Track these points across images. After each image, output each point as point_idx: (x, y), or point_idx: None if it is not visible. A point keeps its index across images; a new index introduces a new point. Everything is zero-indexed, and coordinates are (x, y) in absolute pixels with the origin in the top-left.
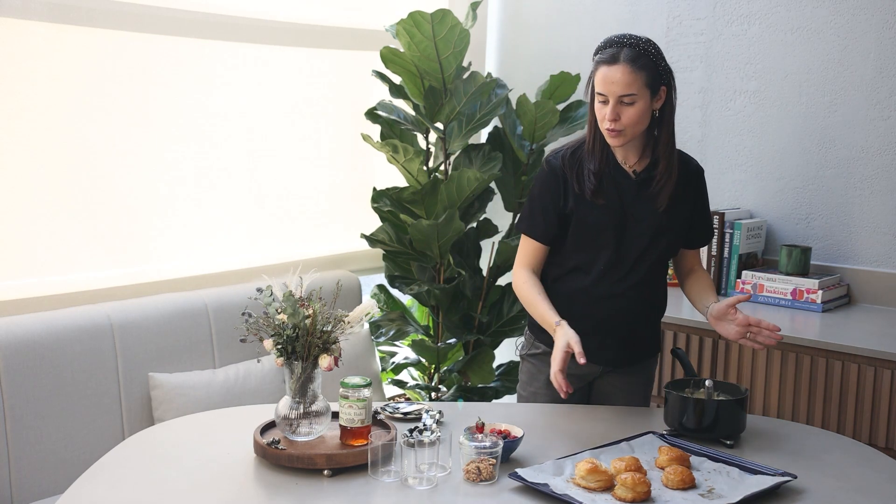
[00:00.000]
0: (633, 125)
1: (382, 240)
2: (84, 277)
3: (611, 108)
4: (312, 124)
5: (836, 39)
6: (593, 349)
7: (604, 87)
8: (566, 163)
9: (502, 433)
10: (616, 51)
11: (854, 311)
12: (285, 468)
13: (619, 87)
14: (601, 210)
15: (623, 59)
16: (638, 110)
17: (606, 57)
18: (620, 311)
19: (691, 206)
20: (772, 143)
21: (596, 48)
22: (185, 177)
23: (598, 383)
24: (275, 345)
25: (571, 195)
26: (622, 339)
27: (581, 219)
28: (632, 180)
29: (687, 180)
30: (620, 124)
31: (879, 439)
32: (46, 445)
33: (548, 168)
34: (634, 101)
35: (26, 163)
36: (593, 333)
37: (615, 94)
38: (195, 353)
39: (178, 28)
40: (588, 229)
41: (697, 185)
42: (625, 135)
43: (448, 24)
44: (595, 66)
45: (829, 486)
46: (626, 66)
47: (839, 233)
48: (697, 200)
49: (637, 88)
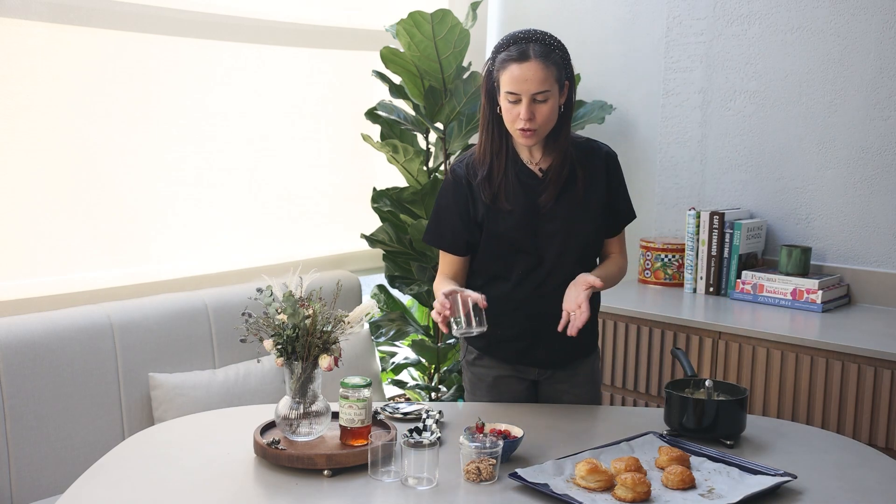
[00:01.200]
0: (547, 122)
1: (382, 240)
2: (84, 277)
3: (525, 107)
4: (312, 124)
5: (836, 39)
6: (524, 351)
7: (516, 85)
8: (469, 169)
9: (502, 433)
10: (524, 47)
11: (854, 311)
12: (285, 468)
13: (534, 84)
14: (510, 214)
15: (534, 54)
16: (551, 107)
17: (515, 54)
18: (546, 314)
19: (604, 192)
20: (772, 143)
21: (496, 46)
22: (185, 177)
23: (542, 386)
24: (275, 345)
25: (480, 203)
26: (551, 341)
27: (491, 226)
28: (538, 179)
29: (597, 166)
30: (535, 123)
31: (879, 439)
32: (46, 445)
33: (452, 177)
34: (547, 97)
35: (26, 163)
36: (522, 337)
37: (529, 92)
38: (195, 353)
39: (178, 28)
40: (500, 236)
41: (609, 170)
42: (538, 133)
43: (448, 24)
44: (500, 64)
45: (829, 486)
46: (538, 62)
47: (839, 233)
48: (611, 186)
49: (550, 84)
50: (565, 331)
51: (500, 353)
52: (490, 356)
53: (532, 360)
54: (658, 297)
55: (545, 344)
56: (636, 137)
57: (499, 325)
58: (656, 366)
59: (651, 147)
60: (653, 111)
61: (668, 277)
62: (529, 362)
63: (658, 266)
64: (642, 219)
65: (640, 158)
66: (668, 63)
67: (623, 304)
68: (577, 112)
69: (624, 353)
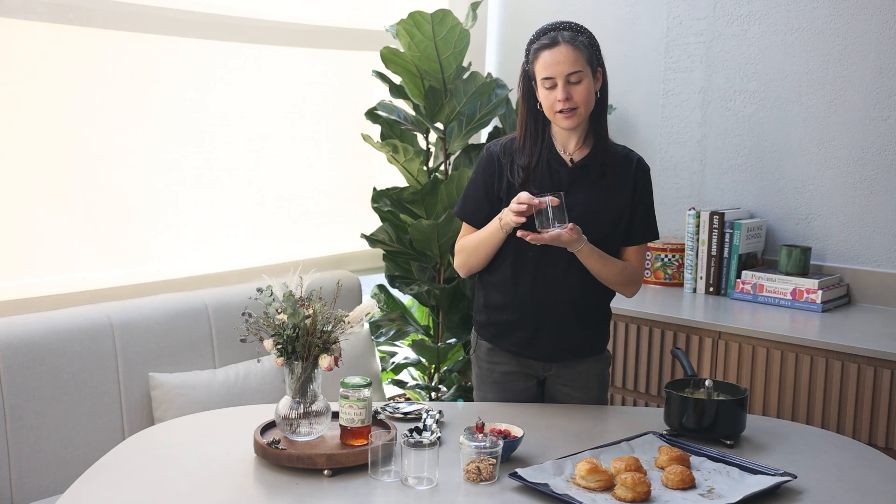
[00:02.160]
0: (585, 103)
1: (382, 240)
2: (84, 277)
3: (561, 89)
4: (312, 124)
5: (836, 39)
6: (528, 340)
7: (549, 69)
8: (504, 150)
9: (502, 433)
10: (554, 34)
11: (854, 311)
12: (285, 468)
13: (566, 65)
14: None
15: (563, 39)
16: (587, 87)
17: (547, 41)
18: (551, 302)
19: (629, 198)
20: (772, 143)
21: (529, 41)
22: (185, 177)
23: (548, 385)
24: (275, 345)
25: (505, 181)
26: (556, 330)
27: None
28: (567, 168)
29: (626, 171)
30: (574, 102)
31: (879, 439)
32: (46, 445)
33: (486, 154)
34: (581, 78)
35: (26, 163)
36: (526, 323)
37: (563, 74)
38: (195, 353)
39: (178, 28)
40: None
41: (638, 179)
42: (579, 114)
43: (448, 24)
44: (533, 54)
45: (829, 486)
46: (567, 45)
47: (839, 233)
48: (637, 194)
49: (582, 65)
50: (570, 321)
51: (507, 342)
52: (499, 348)
53: (537, 352)
54: (658, 297)
55: (549, 332)
56: (636, 137)
57: (503, 311)
58: (656, 366)
59: (651, 147)
60: (653, 111)
61: (668, 277)
62: (534, 355)
63: (658, 266)
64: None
65: None
66: (668, 63)
67: (623, 304)
68: None
69: (624, 353)
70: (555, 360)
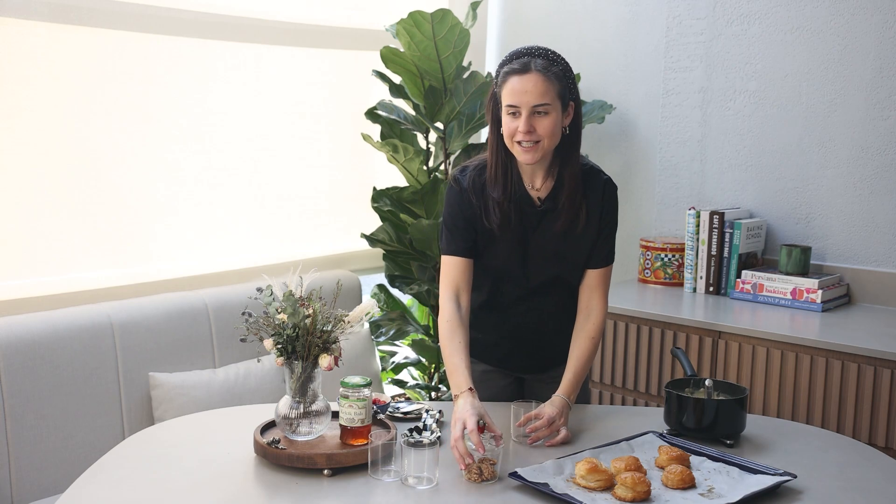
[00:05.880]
0: (549, 137)
1: (382, 239)
2: (84, 277)
3: (524, 120)
4: (312, 124)
5: (836, 39)
6: (504, 357)
7: (516, 97)
8: (473, 185)
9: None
10: (527, 60)
11: (854, 310)
12: (285, 468)
13: (533, 95)
14: (502, 239)
15: (535, 67)
16: (553, 121)
17: (518, 66)
18: (526, 327)
19: (596, 224)
20: (772, 143)
21: (500, 62)
22: (185, 177)
23: (528, 383)
24: (275, 344)
25: (479, 217)
26: (531, 350)
27: (483, 247)
28: (535, 209)
29: (594, 197)
30: (536, 135)
31: (879, 439)
32: (46, 445)
33: (457, 187)
34: (548, 111)
35: (26, 162)
36: (501, 345)
37: (529, 105)
38: (195, 353)
39: (178, 28)
40: (490, 259)
41: (605, 204)
42: (541, 148)
43: (448, 23)
44: (503, 77)
45: (829, 486)
46: (538, 74)
47: (839, 233)
48: (604, 219)
49: (550, 98)
50: (545, 341)
51: (483, 355)
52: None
53: (513, 365)
54: (658, 297)
55: (525, 352)
56: (636, 137)
57: (478, 331)
58: (656, 365)
59: (651, 147)
60: (653, 111)
61: (668, 277)
62: (511, 367)
63: (658, 266)
64: (642, 218)
65: (640, 158)
66: (668, 63)
67: (623, 304)
68: None
69: (624, 352)
70: (532, 371)
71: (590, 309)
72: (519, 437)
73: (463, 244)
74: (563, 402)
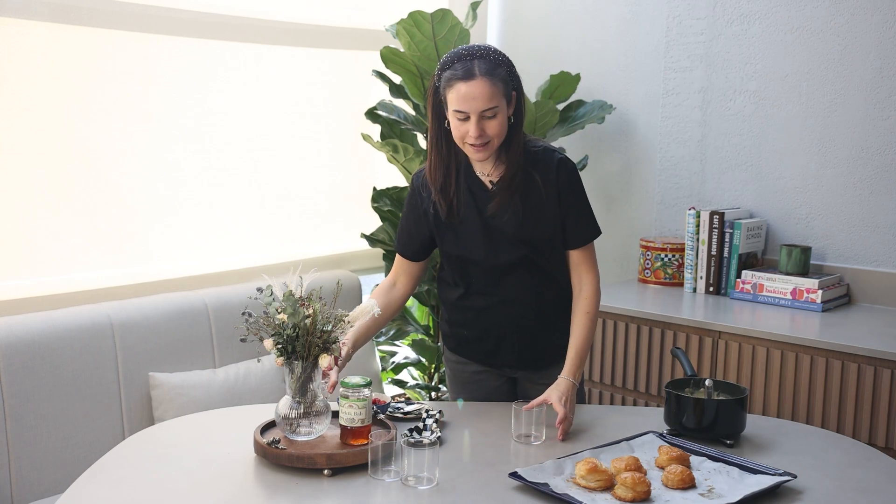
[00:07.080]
0: (498, 136)
1: (382, 239)
2: (84, 277)
3: (474, 125)
4: (312, 124)
5: (836, 39)
6: (490, 353)
7: (464, 104)
8: (423, 182)
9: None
10: (469, 64)
11: (854, 310)
12: (285, 468)
13: (481, 101)
14: (462, 227)
15: (480, 72)
16: (500, 121)
17: (461, 72)
18: (506, 320)
19: (556, 203)
20: (772, 143)
21: (441, 64)
22: (185, 177)
23: (521, 382)
24: (275, 344)
25: (430, 216)
26: (517, 344)
27: (445, 239)
28: (488, 191)
29: (548, 175)
30: (486, 137)
31: (879, 439)
32: (46, 445)
33: (411, 188)
34: (496, 113)
35: (27, 162)
36: (485, 340)
37: (477, 111)
38: (195, 352)
39: (178, 28)
40: (453, 248)
41: (560, 182)
42: (491, 146)
43: (448, 23)
44: (446, 82)
45: (829, 486)
46: (484, 79)
47: (839, 233)
48: (564, 197)
49: (498, 100)
50: (531, 334)
51: (471, 353)
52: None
53: (502, 361)
54: (658, 297)
55: (510, 347)
56: (636, 137)
57: (463, 327)
58: (656, 365)
59: (651, 147)
60: (653, 111)
61: (668, 277)
62: (500, 364)
63: (658, 266)
64: (642, 218)
65: (640, 158)
66: (668, 63)
67: (623, 304)
68: (577, 112)
69: (624, 352)
70: (521, 368)
71: (580, 286)
72: (519, 436)
73: (410, 247)
74: (568, 384)
